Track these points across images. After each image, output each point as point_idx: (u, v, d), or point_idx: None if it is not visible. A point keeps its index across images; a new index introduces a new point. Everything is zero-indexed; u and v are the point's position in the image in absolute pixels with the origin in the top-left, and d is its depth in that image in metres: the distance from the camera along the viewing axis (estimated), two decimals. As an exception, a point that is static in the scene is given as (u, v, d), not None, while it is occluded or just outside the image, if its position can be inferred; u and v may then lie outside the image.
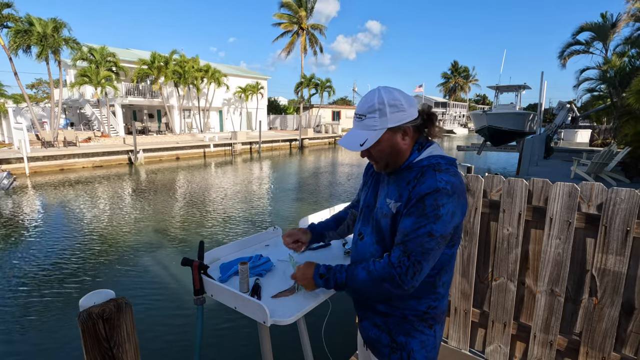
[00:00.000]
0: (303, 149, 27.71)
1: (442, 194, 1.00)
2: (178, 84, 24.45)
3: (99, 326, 0.79)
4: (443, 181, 1.02)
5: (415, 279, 1.01)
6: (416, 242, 1.00)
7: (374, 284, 1.05)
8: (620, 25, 18.18)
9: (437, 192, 1.00)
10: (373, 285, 1.05)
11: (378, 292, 1.06)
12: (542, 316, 1.85)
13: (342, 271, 1.13)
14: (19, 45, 16.50)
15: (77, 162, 16.36)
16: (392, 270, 1.01)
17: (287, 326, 1.13)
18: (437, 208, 1.00)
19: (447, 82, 66.36)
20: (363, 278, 1.07)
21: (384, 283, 1.03)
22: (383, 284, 1.03)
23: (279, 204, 10.25)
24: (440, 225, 1.00)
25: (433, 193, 1.00)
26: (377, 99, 1.05)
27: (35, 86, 45.79)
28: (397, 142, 1.09)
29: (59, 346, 3.73)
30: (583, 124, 31.13)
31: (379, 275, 1.04)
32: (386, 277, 1.02)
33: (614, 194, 1.58)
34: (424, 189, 1.02)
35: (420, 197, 1.01)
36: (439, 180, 1.02)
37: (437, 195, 1.00)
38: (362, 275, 1.07)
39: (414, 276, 1.01)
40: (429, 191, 1.01)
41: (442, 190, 1.00)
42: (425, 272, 1.04)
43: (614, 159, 9.71)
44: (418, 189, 1.03)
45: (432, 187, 1.01)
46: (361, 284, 1.08)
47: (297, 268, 1.24)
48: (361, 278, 1.07)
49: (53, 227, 7.85)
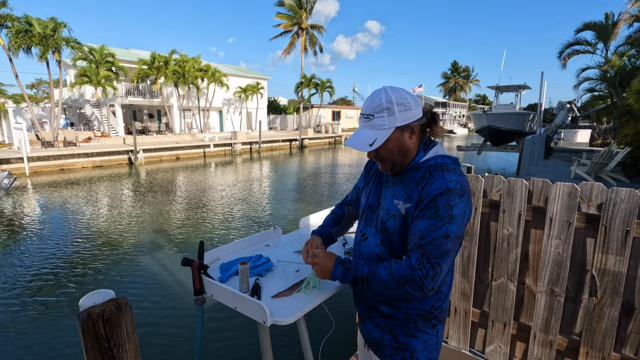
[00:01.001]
0: (303, 149, 27.71)
1: (454, 194, 1.01)
2: (178, 84, 24.45)
3: (99, 326, 0.79)
4: (453, 181, 1.02)
5: (435, 281, 1.01)
6: (434, 244, 1.00)
7: (395, 284, 1.04)
8: (619, 25, 18.18)
9: (448, 192, 1.00)
10: (394, 285, 1.04)
11: (398, 292, 1.05)
12: (542, 316, 1.85)
13: (365, 266, 1.11)
14: (19, 46, 16.49)
15: (77, 162, 16.36)
16: (414, 273, 1.01)
17: (287, 326, 1.12)
18: (450, 208, 1.00)
19: (447, 82, 66.38)
20: (385, 277, 1.06)
21: (406, 285, 1.02)
22: (405, 286, 1.03)
23: (279, 204, 10.25)
24: (455, 225, 1.00)
25: (445, 193, 1.00)
26: (384, 98, 1.05)
27: (35, 86, 45.79)
28: (405, 141, 1.09)
29: (59, 346, 3.73)
30: (583, 124, 31.15)
31: (401, 277, 1.03)
32: (408, 279, 1.02)
33: (614, 194, 1.58)
34: (435, 189, 1.02)
35: (432, 198, 1.01)
36: (449, 180, 1.02)
37: (449, 196, 1.00)
38: (385, 274, 1.06)
39: (434, 278, 1.01)
40: (440, 191, 1.01)
41: (453, 190, 1.01)
42: (444, 274, 1.04)
43: (614, 159, 9.71)
44: (428, 189, 1.03)
45: (443, 187, 1.01)
46: (382, 282, 1.06)
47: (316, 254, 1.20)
48: (383, 277, 1.06)
49: (53, 227, 7.85)
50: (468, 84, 67.39)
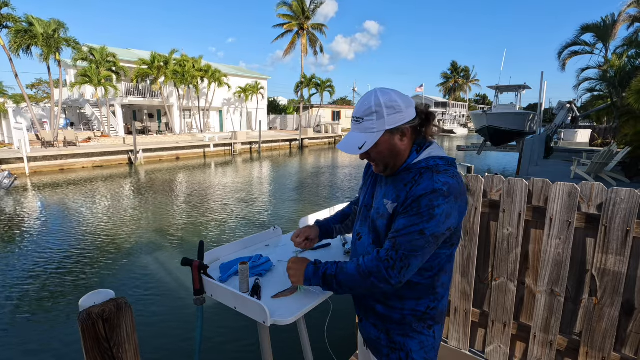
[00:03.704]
0: (303, 149, 27.71)
1: (438, 195, 1.00)
2: (178, 84, 24.45)
3: (99, 326, 0.79)
4: (440, 182, 1.02)
5: (403, 274, 1.01)
6: (406, 238, 1.00)
7: (361, 277, 1.05)
8: (618, 26, 18.20)
9: (433, 192, 1.00)
10: (360, 279, 1.05)
11: (365, 286, 1.05)
12: (542, 316, 1.85)
13: (334, 265, 1.13)
14: (19, 46, 16.48)
15: (77, 162, 16.35)
16: (380, 264, 1.02)
17: (287, 326, 1.12)
18: (432, 208, 1.00)
19: (447, 82, 66.34)
20: (351, 271, 1.07)
21: (371, 277, 1.03)
22: (370, 278, 1.03)
23: (279, 204, 10.25)
24: (433, 224, 1.00)
25: (429, 194, 1.00)
26: (373, 101, 1.05)
27: (35, 86, 45.80)
28: (396, 144, 1.09)
29: (59, 346, 3.73)
30: (583, 124, 31.16)
31: (367, 269, 1.04)
32: (373, 270, 1.02)
33: (614, 194, 1.58)
34: (420, 190, 1.02)
35: (415, 198, 1.02)
36: (436, 181, 1.02)
37: (433, 196, 1.00)
38: (351, 269, 1.07)
39: (401, 271, 1.00)
40: (425, 192, 1.01)
41: (439, 191, 1.00)
42: (414, 270, 1.03)
43: (614, 159, 9.71)
44: (414, 190, 1.03)
45: (429, 188, 1.01)
46: (349, 277, 1.07)
47: (291, 260, 1.23)
48: (349, 271, 1.07)
49: (53, 227, 7.85)
50: (468, 83, 67.37)
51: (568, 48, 20.26)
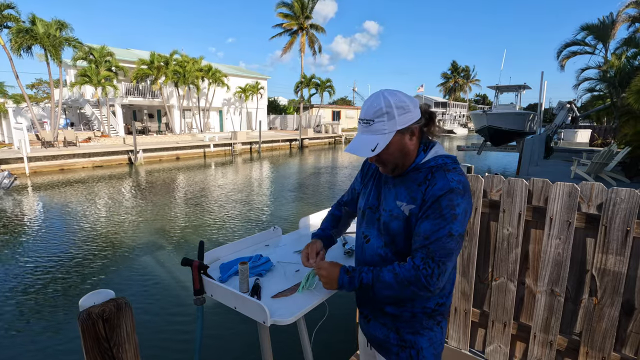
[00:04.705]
0: (303, 149, 27.71)
1: (456, 194, 1.03)
2: (178, 84, 24.45)
3: (99, 326, 0.79)
4: (454, 181, 1.04)
5: (441, 280, 1.03)
6: (438, 244, 1.02)
7: (400, 286, 1.05)
8: (617, 26, 18.21)
9: (451, 192, 1.03)
10: (399, 288, 1.05)
11: (404, 294, 1.06)
12: (542, 316, 1.85)
13: (369, 272, 1.12)
14: (20, 45, 16.48)
15: (77, 162, 16.35)
16: (418, 273, 1.02)
17: (287, 326, 1.12)
18: (453, 208, 1.02)
19: (447, 82, 66.37)
20: (389, 280, 1.07)
21: (411, 286, 1.04)
22: (410, 287, 1.04)
23: (279, 204, 10.25)
24: (457, 224, 1.02)
25: (447, 194, 1.02)
26: (383, 102, 1.05)
27: (35, 86, 45.80)
28: (406, 143, 1.10)
29: (59, 346, 3.73)
30: (583, 124, 31.15)
31: (405, 278, 1.04)
32: (412, 280, 1.03)
33: (614, 194, 1.58)
34: (438, 190, 1.04)
35: (435, 198, 1.03)
36: (451, 180, 1.04)
37: (452, 196, 1.02)
38: (389, 278, 1.07)
39: (440, 277, 1.02)
40: (443, 192, 1.03)
41: (456, 189, 1.03)
42: (449, 272, 1.06)
43: (614, 159, 9.72)
44: (431, 190, 1.05)
45: (446, 188, 1.03)
46: (387, 285, 1.07)
47: (321, 266, 1.20)
48: (387, 280, 1.07)
49: (53, 227, 7.85)
50: (468, 83, 67.40)
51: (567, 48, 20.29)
